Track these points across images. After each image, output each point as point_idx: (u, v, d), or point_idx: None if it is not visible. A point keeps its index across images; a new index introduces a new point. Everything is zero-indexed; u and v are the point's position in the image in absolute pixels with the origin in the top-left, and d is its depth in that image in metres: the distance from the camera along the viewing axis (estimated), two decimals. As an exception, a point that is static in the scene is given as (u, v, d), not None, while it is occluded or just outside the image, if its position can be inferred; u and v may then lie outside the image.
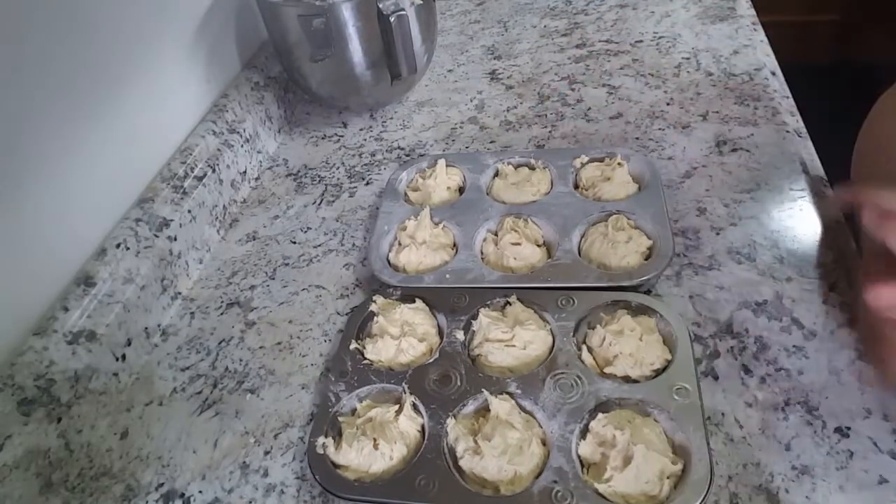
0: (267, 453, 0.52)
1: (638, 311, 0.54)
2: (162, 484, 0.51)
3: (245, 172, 0.81)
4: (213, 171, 0.73)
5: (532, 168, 0.72)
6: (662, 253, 0.58)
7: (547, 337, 0.54)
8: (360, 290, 0.65)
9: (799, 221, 0.62)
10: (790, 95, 0.79)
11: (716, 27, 0.94)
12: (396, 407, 0.50)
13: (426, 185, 0.71)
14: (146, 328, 0.61)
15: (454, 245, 0.65)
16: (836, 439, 0.45)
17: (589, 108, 0.83)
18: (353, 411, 0.52)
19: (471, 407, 0.50)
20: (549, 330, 0.54)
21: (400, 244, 0.64)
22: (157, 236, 0.64)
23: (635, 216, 0.62)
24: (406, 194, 0.73)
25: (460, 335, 0.55)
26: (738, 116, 0.76)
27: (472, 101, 0.90)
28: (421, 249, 0.63)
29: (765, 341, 0.52)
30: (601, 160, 0.70)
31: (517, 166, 0.73)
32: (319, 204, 0.77)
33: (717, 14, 0.98)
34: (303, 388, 0.56)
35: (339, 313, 0.63)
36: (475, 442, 0.46)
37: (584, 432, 0.47)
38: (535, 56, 0.97)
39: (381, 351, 0.55)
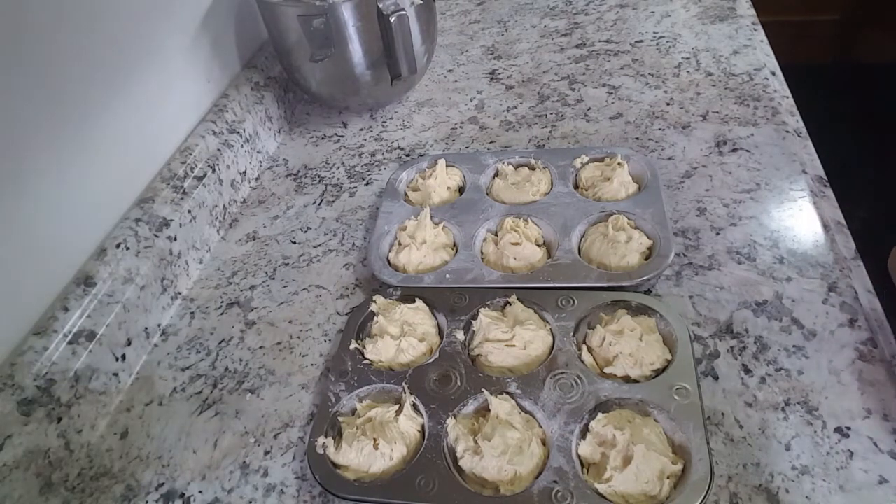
0: (267, 453, 0.52)
1: (638, 311, 0.54)
2: (162, 484, 0.51)
3: (245, 172, 0.81)
4: (213, 171, 0.73)
5: (532, 168, 0.72)
6: (662, 253, 0.58)
7: (547, 337, 0.54)
8: (360, 290, 0.65)
9: (799, 221, 0.62)
10: (790, 95, 0.79)
11: (716, 27, 0.94)
12: (396, 407, 0.50)
13: (426, 185, 0.71)
14: (146, 328, 0.61)
15: (454, 245, 0.65)
16: (836, 439, 0.45)
17: (589, 108, 0.83)
18: (353, 411, 0.52)
19: (471, 407, 0.50)
20: (549, 330, 0.54)
21: (400, 244, 0.64)
22: (157, 236, 0.64)
23: (635, 216, 0.62)
24: (406, 194, 0.73)
25: (460, 335, 0.55)
26: (738, 116, 0.76)
27: (472, 101, 0.90)
28: (421, 249, 0.63)
29: (765, 341, 0.52)
30: (601, 160, 0.70)
31: (517, 166, 0.73)
32: (319, 204, 0.77)
33: (717, 14, 0.98)
34: (303, 388, 0.56)
35: (339, 313, 0.63)
36: (475, 442, 0.46)
37: (584, 432, 0.47)
38: (535, 56, 0.97)
39: (381, 351, 0.55)
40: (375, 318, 0.57)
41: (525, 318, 0.54)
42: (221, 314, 0.65)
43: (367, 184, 0.79)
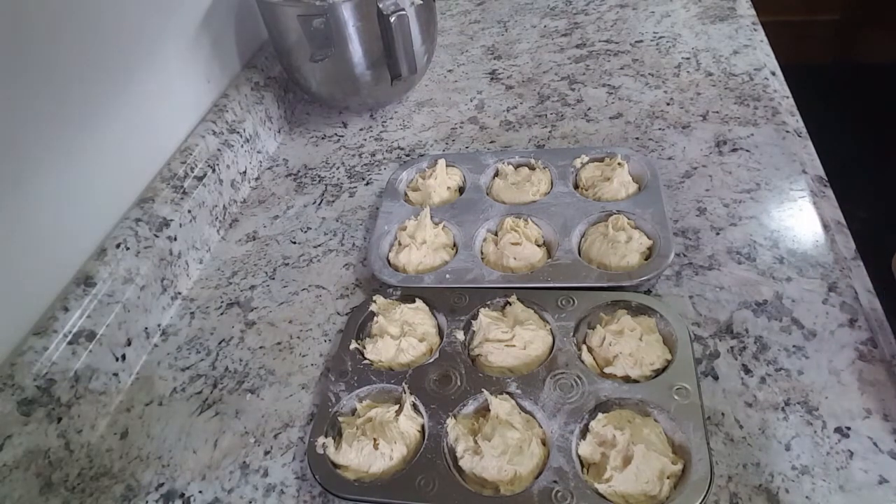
0: (267, 453, 0.52)
1: (638, 311, 0.54)
2: (162, 484, 0.51)
3: (245, 172, 0.81)
4: (213, 171, 0.73)
5: (532, 168, 0.72)
6: (662, 253, 0.58)
7: (547, 337, 0.54)
8: (360, 290, 0.65)
9: (799, 221, 0.62)
10: (790, 95, 0.79)
11: (716, 27, 0.94)
12: (396, 407, 0.50)
13: (426, 185, 0.71)
14: (146, 328, 0.61)
15: (454, 245, 0.65)
16: (836, 439, 0.45)
17: (589, 108, 0.83)
18: (353, 411, 0.52)
19: (471, 407, 0.50)
20: (549, 330, 0.54)
21: (400, 244, 0.64)
22: (157, 236, 0.64)
23: (635, 216, 0.62)
24: (406, 194, 0.73)
25: (460, 335, 0.55)
26: (738, 116, 0.76)
27: (472, 101, 0.90)
28: (421, 249, 0.63)
29: (765, 341, 0.52)
30: (601, 160, 0.70)
31: (517, 166, 0.73)
32: (319, 204, 0.77)
33: (717, 14, 0.98)
34: (303, 388, 0.56)
35: (339, 313, 0.63)
36: (475, 442, 0.46)
37: (584, 432, 0.47)
38: (535, 56, 0.97)
39: (381, 351, 0.55)
40: (375, 318, 0.57)
41: (525, 318, 0.54)
42: (221, 314, 0.65)
43: (367, 184, 0.79)
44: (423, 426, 0.49)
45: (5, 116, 0.51)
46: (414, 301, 0.58)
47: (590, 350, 0.53)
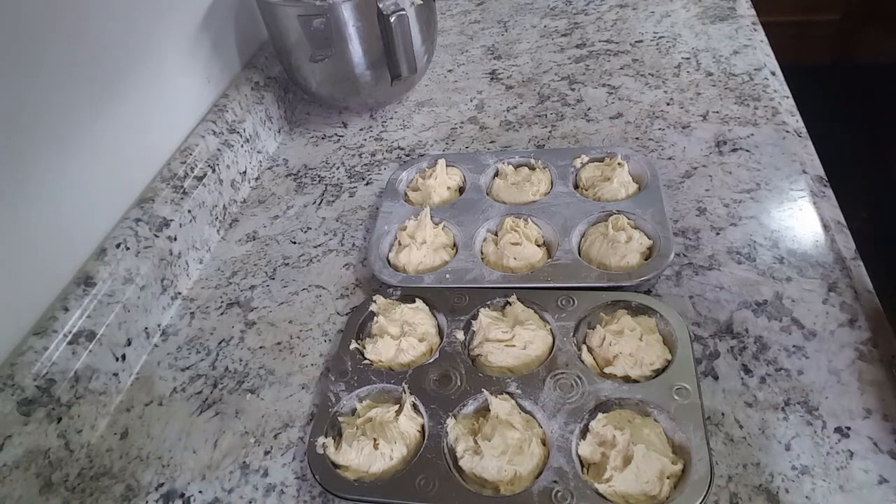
0: (267, 453, 0.52)
1: (638, 311, 0.54)
2: (162, 484, 0.51)
3: (245, 172, 0.81)
4: (213, 171, 0.73)
5: (532, 168, 0.72)
6: (662, 253, 0.58)
7: (547, 337, 0.54)
8: (360, 290, 0.65)
9: (799, 221, 0.62)
10: (790, 95, 0.79)
11: (716, 27, 0.94)
12: (396, 407, 0.50)
13: (426, 185, 0.71)
14: (146, 328, 0.61)
15: (454, 245, 0.65)
16: (836, 439, 0.45)
17: (589, 108, 0.83)
18: (353, 411, 0.52)
19: (471, 407, 0.50)
20: (549, 330, 0.54)
21: (400, 244, 0.64)
22: (157, 236, 0.64)
23: (635, 216, 0.62)
24: (406, 194, 0.73)
25: (460, 335, 0.55)
26: (738, 116, 0.76)
27: (472, 101, 0.90)
28: (421, 249, 0.63)
29: (765, 341, 0.52)
30: (601, 160, 0.70)
31: (517, 166, 0.73)
32: (319, 204, 0.77)
33: (717, 14, 0.98)
34: (303, 388, 0.56)
35: (339, 313, 0.63)
36: (475, 442, 0.46)
37: (584, 432, 0.47)
38: (535, 56, 0.97)
39: (381, 351, 0.55)
40: (375, 318, 0.57)
41: (525, 318, 0.54)
42: (221, 314, 0.65)
43: (367, 184, 0.79)
44: (423, 426, 0.49)
45: (5, 116, 0.51)
46: (414, 301, 0.58)
47: (590, 350, 0.53)
